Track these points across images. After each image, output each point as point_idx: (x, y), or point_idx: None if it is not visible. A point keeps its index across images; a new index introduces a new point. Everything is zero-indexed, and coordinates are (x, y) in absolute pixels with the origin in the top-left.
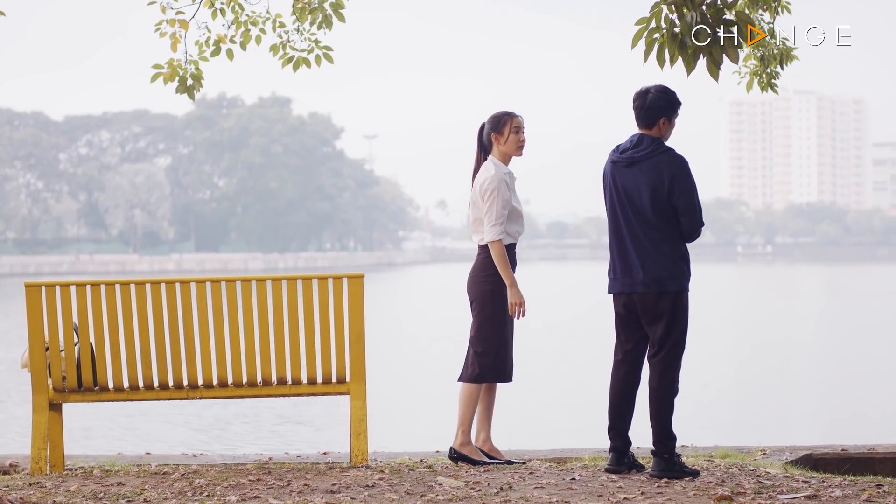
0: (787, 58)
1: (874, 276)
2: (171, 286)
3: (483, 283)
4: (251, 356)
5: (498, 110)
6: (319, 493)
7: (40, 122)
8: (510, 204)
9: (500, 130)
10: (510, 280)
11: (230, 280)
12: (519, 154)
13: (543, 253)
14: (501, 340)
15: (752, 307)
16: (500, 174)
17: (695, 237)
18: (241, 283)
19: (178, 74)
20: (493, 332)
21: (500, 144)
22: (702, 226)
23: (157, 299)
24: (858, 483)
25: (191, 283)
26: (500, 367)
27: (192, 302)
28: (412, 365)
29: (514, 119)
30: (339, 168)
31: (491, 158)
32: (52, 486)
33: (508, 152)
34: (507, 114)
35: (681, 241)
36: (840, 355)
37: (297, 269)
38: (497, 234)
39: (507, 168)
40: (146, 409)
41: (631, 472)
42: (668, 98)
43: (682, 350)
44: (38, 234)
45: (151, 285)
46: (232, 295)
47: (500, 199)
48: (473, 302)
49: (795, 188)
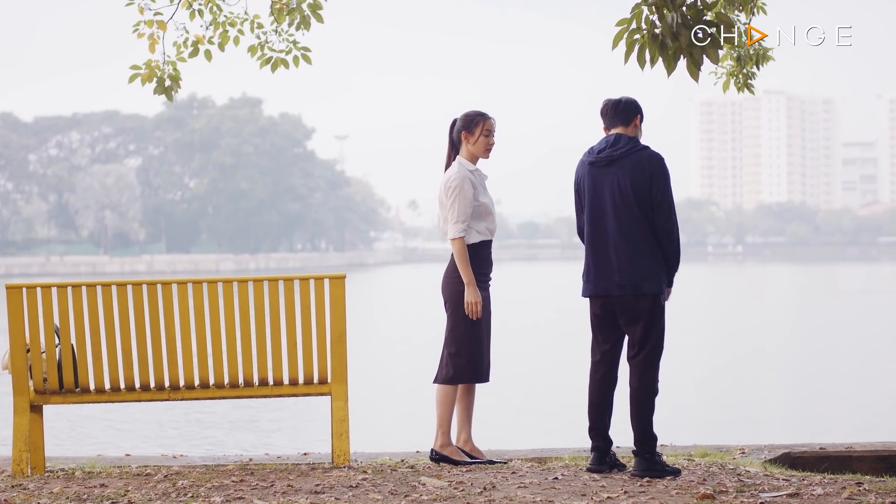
0: (762, 58)
1: (844, 275)
2: (153, 287)
3: (456, 284)
4: (233, 357)
5: (472, 109)
6: (303, 493)
7: (10, 122)
8: (474, 202)
9: (471, 130)
10: (468, 278)
11: (211, 281)
12: (486, 157)
13: (515, 253)
14: (476, 341)
15: (724, 307)
16: (465, 172)
17: (670, 237)
18: (222, 284)
19: (157, 75)
20: (466, 332)
21: (468, 144)
22: (676, 225)
23: (138, 301)
24: (839, 481)
25: (172, 284)
26: (475, 367)
27: (174, 303)
28: (387, 366)
29: (487, 121)
30: (310, 169)
31: (458, 157)
32: (35, 487)
33: (475, 153)
34: (481, 114)
35: (657, 242)
36: (814, 354)
37: (269, 270)
38: (458, 232)
39: (473, 166)
40: (120, 410)
41: (613, 472)
42: (638, 103)
43: (661, 350)
44: (7, 236)
45: (133, 286)
46: (213, 296)
47: (462, 197)
48: (447, 303)
49: (765, 188)
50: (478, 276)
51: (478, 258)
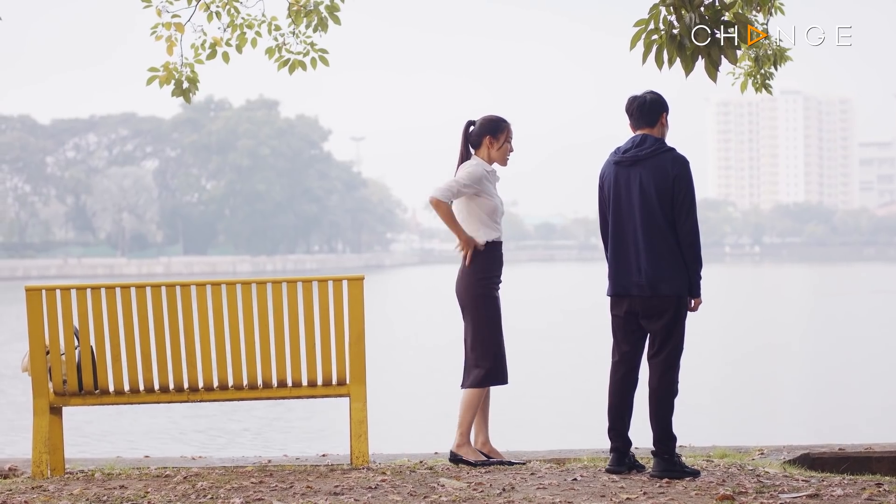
0: (780, 58)
1: (862, 275)
2: (172, 289)
3: (473, 288)
4: (251, 359)
5: (494, 114)
6: (323, 494)
7: (27, 125)
8: (482, 192)
9: (496, 136)
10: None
11: (230, 283)
12: (504, 164)
13: (532, 254)
14: (498, 343)
15: (743, 307)
16: (482, 169)
17: (691, 239)
18: (241, 286)
19: (174, 77)
20: (489, 336)
21: (492, 149)
22: (696, 228)
23: (157, 302)
24: (858, 482)
25: (191, 286)
26: (501, 369)
27: (193, 305)
28: (405, 367)
29: (510, 128)
30: (327, 170)
31: (475, 156)
32: (55, 489)
33: (496, 159)
34: (506, 121)
35: (680, 244)
36: (833, 355)
37: (286, 272)
38: (441, 195)
39: (490, 167)
40: (141, 412)
41: (632, 473)
42: (663, 97)
43: (682, 350)
44: (25, 238)
45: (152, 288)
46: (232, 298)
47: (469, 177)
48: (465, 308)
49: (783, 188)
50: (491, 278)
51: (494, 258)
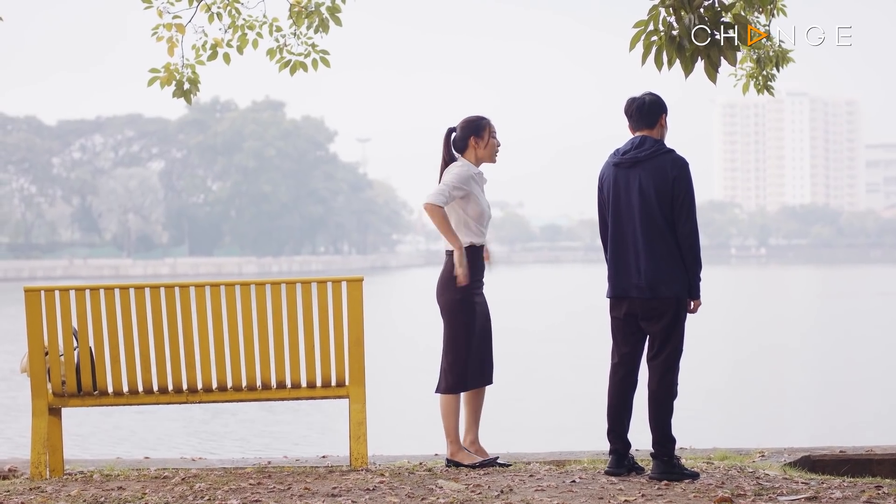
0: (783, 60)
1: (868, 277)
2: (171, 290)
3: (451, 293)
4: (251, 360)
5: (471, 115)
6: (320, 496)
7: (33, 126)
8: (470, 194)
9: (480, 135)
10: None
11: (229, 284)
12: (494, 161)
13: (537, 256)
14: (472, 348)
15: (747, 309)
16: (471, 171)
17: (690, 241)
18: (240, 287)
19: (175, 78)
20: (464, 340)
21: (478, 148)
22: (696, 229)
23: (156, 303)
24: (858, 484)
25: (190, 287)
26: (475, 374)
27: (192, 306)
28: (406, 368)
29: (490, 123)
30: (333, 171)
31: (462, 159)
32: (53, 490)
33: (485, 157)
34: (485, 118)
35: (679, 245)
36: (835, 357)
37: (291, 273)
38: (436, 200)
39: (477, 169)
40: (140, 413)
41: (631, 475)
42: (661, 99)
43: (681, 352)
44: (31, 239)
45: (151, 289)
46: (231, 299)
47: (458, 179)
48: (443, 311)
49: (788, 190)
50: (474, 282)
51: (474, 263)
